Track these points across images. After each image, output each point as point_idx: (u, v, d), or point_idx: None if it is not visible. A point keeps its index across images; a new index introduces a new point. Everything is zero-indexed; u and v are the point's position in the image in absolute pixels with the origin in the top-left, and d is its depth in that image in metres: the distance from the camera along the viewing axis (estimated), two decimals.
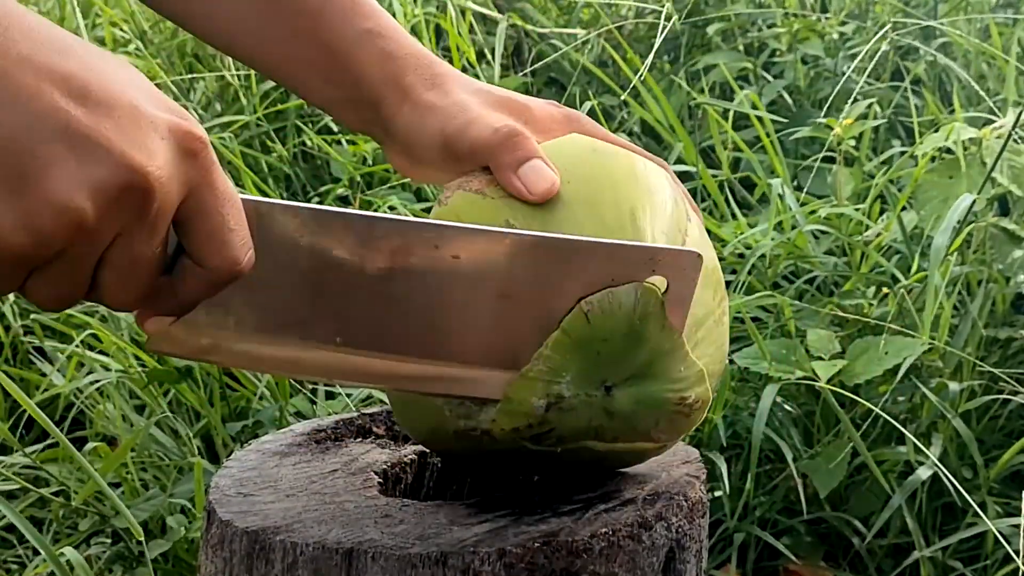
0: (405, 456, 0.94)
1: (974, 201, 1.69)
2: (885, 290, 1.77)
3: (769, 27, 2.56)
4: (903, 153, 2.10)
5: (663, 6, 2.39)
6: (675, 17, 2.42)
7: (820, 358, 1.64)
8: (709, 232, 1.94)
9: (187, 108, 2.42)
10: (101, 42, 2.59)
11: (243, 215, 0.69)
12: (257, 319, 0.73)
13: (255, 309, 0.72)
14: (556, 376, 0.77)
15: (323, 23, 0.90)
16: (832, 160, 2.04)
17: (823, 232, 1.94)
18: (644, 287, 0.75)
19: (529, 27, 2.56)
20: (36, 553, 1.75)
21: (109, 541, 1.70)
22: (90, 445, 1.73)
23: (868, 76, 2.36)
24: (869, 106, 2.10)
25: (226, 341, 0.73)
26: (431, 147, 0.87)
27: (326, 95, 0.92)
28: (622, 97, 2.31)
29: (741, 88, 2.35)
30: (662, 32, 2.23)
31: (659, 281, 0.76)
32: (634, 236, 0.79)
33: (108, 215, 0.62)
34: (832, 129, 1.92)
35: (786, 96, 2.39)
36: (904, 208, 1.84)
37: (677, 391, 0.81)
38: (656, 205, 0.82)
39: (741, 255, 1.90)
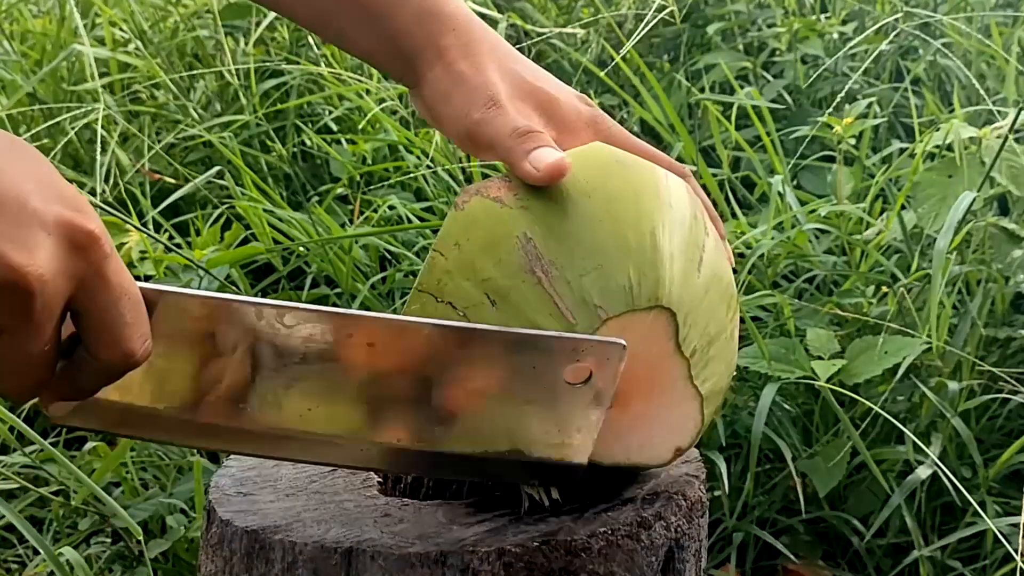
0: None
1: (974, 199, 1.69)
2: (884, 289, 1.77)
3: (769, 27, 2.56)
4: (903, 151, 2.10)
5: (669, 5, 2.39)
6: (678, 16, 2.42)
7: (819, 357, 1.64)
8: None
9: (187, 107, 2.42)
10: (101, 42, 2.59)
11: (141, 306, 0.67)
12: (162, 400, 0.72)
13: (159, 392, 0.72)
14: None
15: None
16: (832, 160, 2.04)
17: (823, 231, 1.94)
18: None
19: (529, 27, 2.56)
20: (36, 552, 1.75)
21: (109, 540, 1.70)
22: (90, 445, 1.73)
23: (868, 76, 2.36)
24: (869, 105, 2.10)
25: (132, 417, 0.72)
26: (453, 123, 0.88)
27: (365, 47, 0.93)
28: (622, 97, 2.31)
29: (741, 87, 2.35)
30: (648, 22, 2.23)
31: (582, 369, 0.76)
32: (653, 256, 0.80)
33: None
34: (832, 128, 1.92)
35: (786, 96, 2.39)
36: (903, 207, 1.84)
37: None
38: (675, 222, 0.82)
39: (741, 254, 1.90)
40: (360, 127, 2.31)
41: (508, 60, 0.90)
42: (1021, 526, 1.46)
